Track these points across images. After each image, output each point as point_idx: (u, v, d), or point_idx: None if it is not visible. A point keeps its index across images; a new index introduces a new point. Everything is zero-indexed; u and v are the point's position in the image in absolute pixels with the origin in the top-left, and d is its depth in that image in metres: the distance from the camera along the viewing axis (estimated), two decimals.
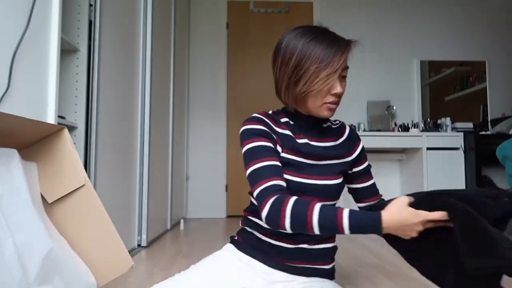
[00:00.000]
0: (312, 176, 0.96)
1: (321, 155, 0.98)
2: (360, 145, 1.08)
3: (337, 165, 1.01)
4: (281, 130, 0.98)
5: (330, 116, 0.96)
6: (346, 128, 1.08)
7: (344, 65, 0.93)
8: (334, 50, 0.91)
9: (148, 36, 2.48)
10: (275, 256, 0.96)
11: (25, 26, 1.19)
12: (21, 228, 0.78)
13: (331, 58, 0.89)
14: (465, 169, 3.48)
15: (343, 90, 0.93)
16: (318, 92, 0.90)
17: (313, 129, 1.01)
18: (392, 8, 4.17)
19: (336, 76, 0.90)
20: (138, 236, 2.36)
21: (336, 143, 1.03)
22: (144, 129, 2.42)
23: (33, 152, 0.96)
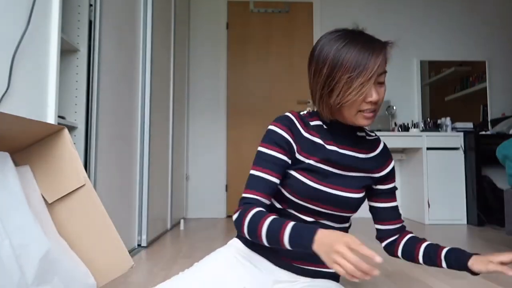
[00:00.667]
0: (336, 186, 0.93)
1: (349, 165, 0.94)
2: (391, 164, 1.02)
3: (363, 179, 0.97)
4: (309, 136, 0.94)
5: (367, 124, 0.89)
6: (381, 143, 1.03)
7: (380, 71, 0.85)
8: (367, 56, 0.84)
9: (148, 36, 2.48)
10: (282, 255, 0.96)
11: (25, 26, 1.19)
12: (17, 230, 0.78)
13: (364, 66, 0.83)
14: (465, 169, 3.48)
15: (380, 97, 0.87)
16: (353, 102, 0.86)
17: (345, 137, 0.96)
18: (392, 8, 4.17)
19: (370, 84, 0.84)
20: (138, 236, 2.36)
21: (367, 155, 0.98)
22: (144, 129, 2.42)
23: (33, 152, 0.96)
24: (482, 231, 3.09)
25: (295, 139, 0.93)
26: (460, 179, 3.48)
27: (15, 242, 0.77)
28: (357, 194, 0.95)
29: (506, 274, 0.79)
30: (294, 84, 4.05)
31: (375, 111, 0.88)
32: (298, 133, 0.93)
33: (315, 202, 0.93)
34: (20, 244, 0.78)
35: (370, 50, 0.85)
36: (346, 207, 0.94)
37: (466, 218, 3.45)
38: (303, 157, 0.93)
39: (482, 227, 3.30)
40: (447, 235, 2.90)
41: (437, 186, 3.46)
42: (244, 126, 3.97)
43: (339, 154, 0.94)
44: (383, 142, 1.04)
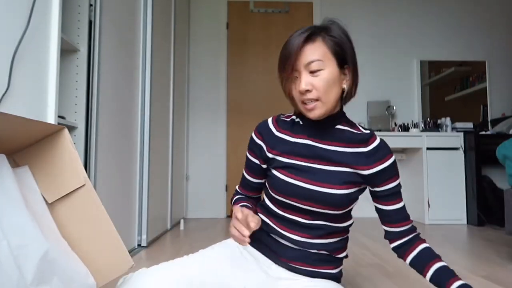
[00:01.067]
0: (312, 181, 0.91)
1: (325, 157, 0.93)
2: (384, 164, 0.94)
3: (347, 174, 0.93)
4: (279, 134, 0.99)
5: (314, 117, 0.90)
6: (375, 141, 0.96)
7: (304, 61, 0.87)
8: (285, 51, 0.89)
9: (148, 36, 2.48)
10: (281, 256, 0.96)
11: (25, 26, 1.19)
12: (15, 231, 0.78)
13: (283, 62, 0.90)
14: (465, 169, 3.48)
15: (315, 85, 0.87)
16: (293, 96, 0.93)
17: (321, 130, 0.96)
18: (392, 8, 4.17)
19: (292, 77, 0.90)
20: (138, 236, 2.36)
21: (350, 150, 0.94)
22: (144, 129, 2.42)
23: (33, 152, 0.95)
24: (482, 231, 3.09)
25: (265, 140, 0.99)
26: (460, 179, 3.48)
27: (13, 243, 0.77)
28: (340, 190, 0.91)
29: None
30: None
31: (317, 101, 0.89)
32: (269, 134, 0.99)
33: (293, 198, 0.93)
34: (19, 244, 0.77)
35: (289, 45, 0.89)
36: (329, 203, 0.91)
37: (466, 218, 3.45)
38: (274, 155, 0.97)
39: (482, 227, 3.30)
40: (447, 235, 2.90)
41: (437, 186, 3.46)
42: (244, 126, 3.97)
43: (309, 146, 0.95)
44: (379, 140, 0.97)
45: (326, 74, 0.88)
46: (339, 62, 0.90)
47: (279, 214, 0.97)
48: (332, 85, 0.89)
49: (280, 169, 0.95)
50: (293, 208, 0.95)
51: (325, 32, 0.90)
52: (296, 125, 0.99)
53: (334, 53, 0.89)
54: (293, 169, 0.94)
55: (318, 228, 0.95)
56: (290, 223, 0.96)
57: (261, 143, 0.99)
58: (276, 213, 0.98)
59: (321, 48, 0.88)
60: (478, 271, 1.88)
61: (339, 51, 0.90)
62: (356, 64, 0.93)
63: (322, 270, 0.97)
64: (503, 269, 1.92)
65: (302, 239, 0.95)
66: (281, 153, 0.96)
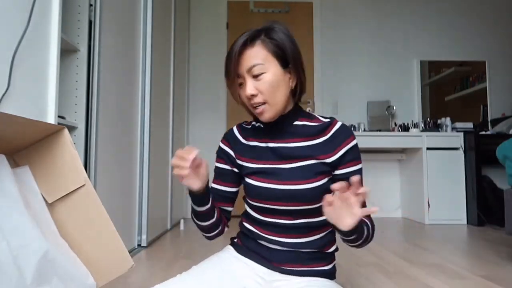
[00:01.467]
0: (283, 181, 0.91)
1: (290, 156, 0.93)
2: (348, 145, 0.93)
3: (314, 166, 0.92)
4: (245, 142, 1.00)
5: (266, 119, 0.91)
6: (335, 126, 0.95)
7: (246, 66, 0.88)
8: (227, 59, 0.90)
9: (148, 36, 2.48)
10: (273, 261, 0.96)
11: (25, 26, 1.19)
12: (14, 231, 0.78)
13: (225, 68, 0.91)
14: (465, 169, 3.48)
15: (259, 89, 0.88)
16: (242, 103, 0.95)
17: (281, 131, 0.96)
18: (392, 8, 4.17)
19: (236, 84, 0.91)
20: (138, 236, 2.36)
21: (312, 142, 0.94)
22: (144, 129, 2.42)
23: (33, 152, 0.96)
24: (482, 231, 3.09)
25: (233, 148, 1.01)
26: (460, 179, 3.48)
27: (13, 243, 0.77)
28: (309, 183, 0.90)
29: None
30: None
31: (264, 104, 0.90)
32: (236, 142, 1.01)
33: (268, 201, 0.93)
34: (18, 245, 0.77)
35: (229, 52, 0.89)
36: (303, 199, 0.91)
37: (466, 218, 3.45)
38: (244, 162, 0.98)
39: (482, 227, 3.30)
40: (447, 235, 2.90)
41: (437, 186, 3.46)
42: None
43: (273, 148, 0.95)
44: (338, 125, 0.95)
45: (269, 77, 0.88)
46: (281, 63, 0.90)
47: (262, 220, 0.97)
48: (277, 86, 0.89)
49: (251, 175, 0.96)
50: (273, 212, 0.95)
51: (264, 35, 0.90)
52: (257, 130, 1.00)
53: (274, 55, 0.89)
54: (263, 173, 0.94)
55: (302, 227, 0.95)
56: (274, 226, 0.96)
57: (229, 150, 1.01)
58: (259, 220, 0.98)
59: (261, 51, 0.88)
60: (478, 271, 1.88)
61: (280, 52, 0.89)
62: (299, 63, 0.93)
63: (315, 268, 0.97)
64: (502, 269, 1.92)
65: (289, 240, 0.95)
66: (250, 159, 0.97)
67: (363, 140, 3.59)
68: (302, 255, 0.96)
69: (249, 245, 0.99)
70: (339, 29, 4.11)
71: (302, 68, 0.94)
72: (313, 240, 0.96)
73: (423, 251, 2.33)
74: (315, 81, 4.05)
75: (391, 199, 3.97)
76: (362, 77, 4.09)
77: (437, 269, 1.89)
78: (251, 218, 1.00)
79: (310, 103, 4.06)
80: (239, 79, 0.91)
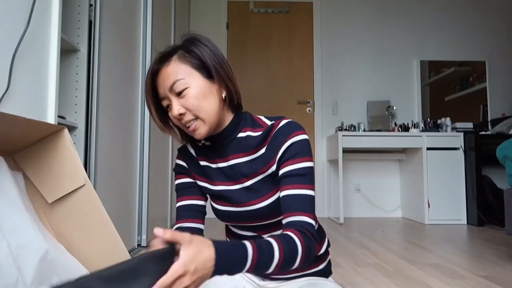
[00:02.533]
0: (239, 204, 0.85)
1: (236, 175, 0.86)
2: (285, 145, 0.80)
3: (264, 181, 0.84)
4: (199, 161, 0.91)
5: (201, 136, 0.82)
6: (276, 128, 0.83)
7: (165, 88, 0.80)
8: (146, 82, 0.84)
9: (148, 36, 2.48)
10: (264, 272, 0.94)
11: (25, 26, 1.19)
12: (14, 232, 0.78)
13: (145, 95, 0.85)
14: (465, 169, 3.48)
15: (177, 111, 0.80)
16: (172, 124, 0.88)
17: (227, 147, 0.87)
18: (392, 8, 4.17)
19: (153, 108, 0.84)
20: (138, 236, 2.36)
21: (255, 155, 0.85)
22: (144, 129, 2.42)
23: (34, 152, 0.95)
24: (482, 231, 3.09)
25: (189, 165, 0.93)
26: (460, 179, 3.48)
27: (13, 244, 0.77)
28: (265, 201, 0.84)
29: None
30: (294, 84, 4.05)
31: (196, 119, 0.81)
32: (190, 159, 0.93)
33: (237, 222, 0.89)
34: (18, 245, 0.77)
35: (146, 76, 0.84)
36: (272, 214, 0.84)
37: (466, 218, 3.45)
38: (200, 182, 0.91)
39: (482, 227, 3.30)
40: (447, 235, 2.90)
41: (437, 186, 3.46)
42: None
43: (222, 169, 0.88)
44: (281, 124, 0.83)
45: (193, 91, 0.80)
46: (204, 74, 0.82)
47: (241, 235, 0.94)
48: (204, 99, 0.80)
49: (211, 197, 0.92)
50: (248, 228, 0.91)
51: (181, 49, 0.83)
52: (207, 149, 0.91)
53: (194, 67, 0.81)
54: (220, 197, 0.89)
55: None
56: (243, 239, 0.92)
57: (185, 165, 0.93)
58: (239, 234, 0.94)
59: (178, 66, 0.81)
60: (478, 271, 1.88)
61: (199, 63, 0.82)
62: (223, 71, 0.84)
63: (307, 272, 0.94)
64: (502, 269, 1.92)
65: None
66: (205, 180, 0.91)
67: (363, 140, 3.59)
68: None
69: None
70: (339, 29, 4.11)
71: (229, 77, 0.84)
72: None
73: (423, 251, 2.33)
74: (315, 81, 4.05)
75: (391, 199, 3.97)
76: (362, 77, 4.09)
77: (437, 269, 1.89)
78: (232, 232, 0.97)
79: (310, 103, 4.06)
80: (165, 101, 0.82)
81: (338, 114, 4.02)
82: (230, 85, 0.85)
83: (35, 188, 0.96)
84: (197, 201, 0.91)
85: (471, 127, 3.76)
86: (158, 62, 0.82)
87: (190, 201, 0.90)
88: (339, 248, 2.39)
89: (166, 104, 0.83)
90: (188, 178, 0.92)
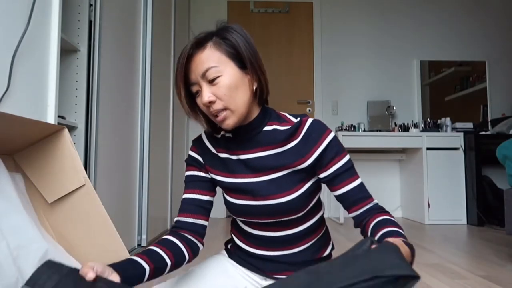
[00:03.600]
0: (260, 197, 0.84)
1: (261, 168, 0.85)
2: (324, 142, 0.83)
3: (290, 175, 0.84)
4: (216, 153, 0.90)
5: (228, 127, 0.81)
6: (305, 125, 0.84)
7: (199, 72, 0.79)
8: (176, 66, 0.82)
9: (148, 36, 2.48)
10: (267, 271, 0.93)
11: (25, 26, 1.19)
12: (14, 232, 0.78)
13: (175, 77, 0.83)
14: (465, 169, 3.48)
15: (216, 95, 0.79)
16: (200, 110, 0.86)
17: (251, 139, 0.87)
18: (392, 8, 4.17)
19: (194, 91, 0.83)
20: (138, 236, 2.36)
21: (283, 148, 0.85)
22: (144, 129, 2.42)
23: (33, 152, 0.95)
24: (482, 231, 3.09)
25: (204, 158, 0.92)
26: (460, 179, 3.48)
27: (12, 244, 0.77)
28: (289, 195, 0.84)
29: None
30: (294, 84, 4.05)
31: (225, 110, 0.80)
32: (205, 151, 0.92)
33: (251, 217, 0.88)
34: (18, 245, 0.77)
35: (178, 60, 0.82)
36: (288, 210, 0.84)
37: (466, 218, 3.45)
38: (216, 175, 0.90)
39: (482, 227, 3.30)
40: (447, 235, 2.90)
41: (437, 186, 3.46)
42: None
43: (244, 161, 0.86)
44: (309, 123, 0.85)
45: (225, 80, 0.79)
46: (238, 64, 0.81)
47: (250, 233, 0.93)
48: (236, 89, 0.80)
49: (227, 192, 0.90)
50: (258, 225, 0.90)
51: (216, 36, 0.81)
52: (227, 140, 0.90)
53: (229, 55, 0.80)
54: (238, 190, 0.87)
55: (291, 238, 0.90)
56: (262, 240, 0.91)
57: (200, 159, 0.92)
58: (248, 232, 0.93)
59: (213, 53, 0.79)
60: (478, 271, 1.88)
61: (234, 52, 0.80)
62: (256, 63, 0.83)
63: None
64: (502, 269, 1.92)
65: (279, 252, 0.90)
66: (222, 173, 0.90)
67: (363, 140, 3.59)
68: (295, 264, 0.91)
69: (241, 256, 0.96)
70: (339, 29, 4.11)
71: (262, 70, 0.84)
72: (304, 249, 0.92)
73: (423, 251, 2.33)
74: (315, 81, 4.05)
75: (391, 199, 3.97)
76: (362, 77, 4.09)
77: (437, 269, 1.89)
78: (239, 229, 0.96)
79: (310, 103, 4.06)
80: (195, 87, 0.82)
81: (338, 114, 4.02)
82: (262, 78, 0.84)
83: (35, 188, 0.96)
84: (204, 196, 0.90)
85: (471, 127, 3.76)
86: (193, 47, 0.81)
87: (197, 195, 0.90)
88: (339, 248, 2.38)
89: (195, 90, 0.82)
90: (199, 171, 0.91)
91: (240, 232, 0.96)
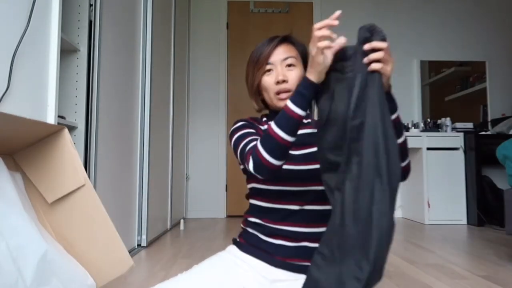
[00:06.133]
0: (299, 163, 0.96)
1: (303, 143, 0.99)
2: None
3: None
4: (263, 128, 1.06)
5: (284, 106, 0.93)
6: None
7: (281, 57, 1.00)
8: (262, 47, 1.04)
9: (148, 36, 2.48)
10: (278, 255, 0.96)
11: (25, 26, 1.19)
12: (14, 232, 0.78)
13: (258, 55, 1.03)
14: (465, 169, 3.48)
15: (289, 77, 0.98)
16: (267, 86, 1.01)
17: None
18: (392, 8, 4.17)
19: (263, 68, 1.01)
20: (138, 236, 2.36)
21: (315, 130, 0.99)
22: (144, 129, 2.42)
23: (33, 152, 0.95)
24: (482, 231, 3.09)
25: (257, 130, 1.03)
26: (460, 179, 3.48)
27: (12, 244, 0.77)
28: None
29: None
30: None
31: (289, 92, 0.98)
32: (256, 126, 1.06)
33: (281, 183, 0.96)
34: (18, 245, 0.77)
35: (266, 43, 1.04)
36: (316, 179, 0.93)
37: (466, 218, 3.45)
38: None
39: (482, 227, 3.30)
40: (447, 235, 2.90)
41: (437, 186, 3.46)
42: None
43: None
44: None
45: (297, 71, 1.00)
46: (304, 65, 1.00)
47: (270, 208, 0.98)
48: (298, 81, 0.97)
49: None
50: (284, 195, 0.96)
51: (292, 39, 1.06)
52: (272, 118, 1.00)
53: (302, 56, 1.03)
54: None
55: (312, 214, 0.96)
56: (282, 214, 0.97)
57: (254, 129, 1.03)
58: (267, 208, 0.98)
59: (293, 49, 1.04)
60: (478, 271, 1.88)
61: (304, 55, 1.02)
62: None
63: None
64: (502, 269, 1.92)
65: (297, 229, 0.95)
66: None
67: None
68: (305, 249, 0.95)
69: (252, 241, 0.99)
70: (339, 29, 4.10)
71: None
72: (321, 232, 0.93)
73: (423, 251, 2.33)
74: None
75: None
76: None
77: (437, 269, 1.89)
78: (257, 209, 1.00)
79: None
80: (268, 65, 1.01)
81: None
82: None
83: (35, 188, 0.96)
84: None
85: (471, 127, 3.76)
86: (280, 40, 1.04)
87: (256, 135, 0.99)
88: None
89: (269, 68, 1.02)
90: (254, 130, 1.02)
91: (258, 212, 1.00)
